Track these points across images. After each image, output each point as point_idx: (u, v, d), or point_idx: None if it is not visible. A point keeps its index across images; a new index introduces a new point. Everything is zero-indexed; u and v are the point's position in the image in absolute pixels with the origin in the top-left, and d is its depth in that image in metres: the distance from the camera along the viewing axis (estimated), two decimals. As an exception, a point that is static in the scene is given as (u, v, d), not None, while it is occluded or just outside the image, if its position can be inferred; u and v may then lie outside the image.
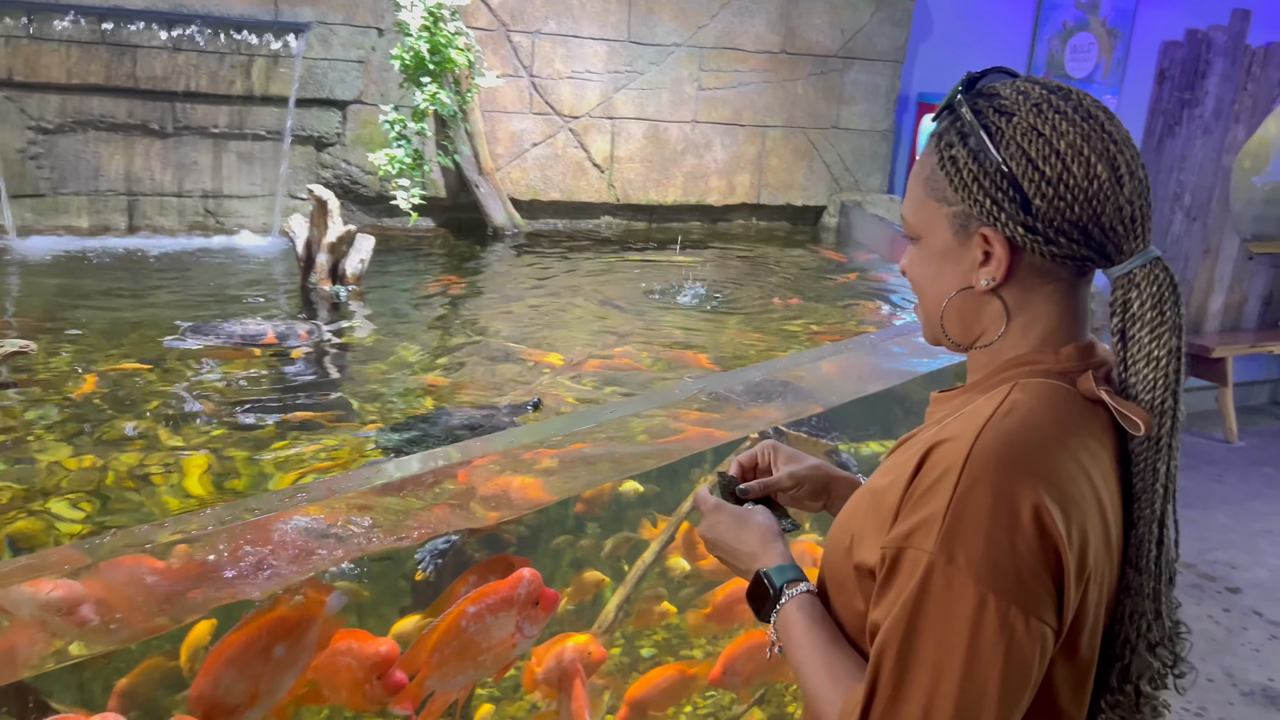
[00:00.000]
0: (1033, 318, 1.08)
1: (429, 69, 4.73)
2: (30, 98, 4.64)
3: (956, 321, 1.12)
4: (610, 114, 5.74)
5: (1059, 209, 1.02)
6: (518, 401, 2.85)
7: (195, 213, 5.09)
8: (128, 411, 2.74)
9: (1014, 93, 1.07)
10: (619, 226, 6.02)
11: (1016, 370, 1.08)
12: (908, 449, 1.10)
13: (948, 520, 0.94)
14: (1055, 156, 1.01)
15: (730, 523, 1.26)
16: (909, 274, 1.16)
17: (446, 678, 2.01)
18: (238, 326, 3.45)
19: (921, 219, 1.11)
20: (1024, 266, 1.06)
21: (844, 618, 1.12)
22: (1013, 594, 0.93)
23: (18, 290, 4.19)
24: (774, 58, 5.99)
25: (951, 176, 1.06)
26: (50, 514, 2.12)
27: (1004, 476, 0.95)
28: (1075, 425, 1.03)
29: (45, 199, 4.80)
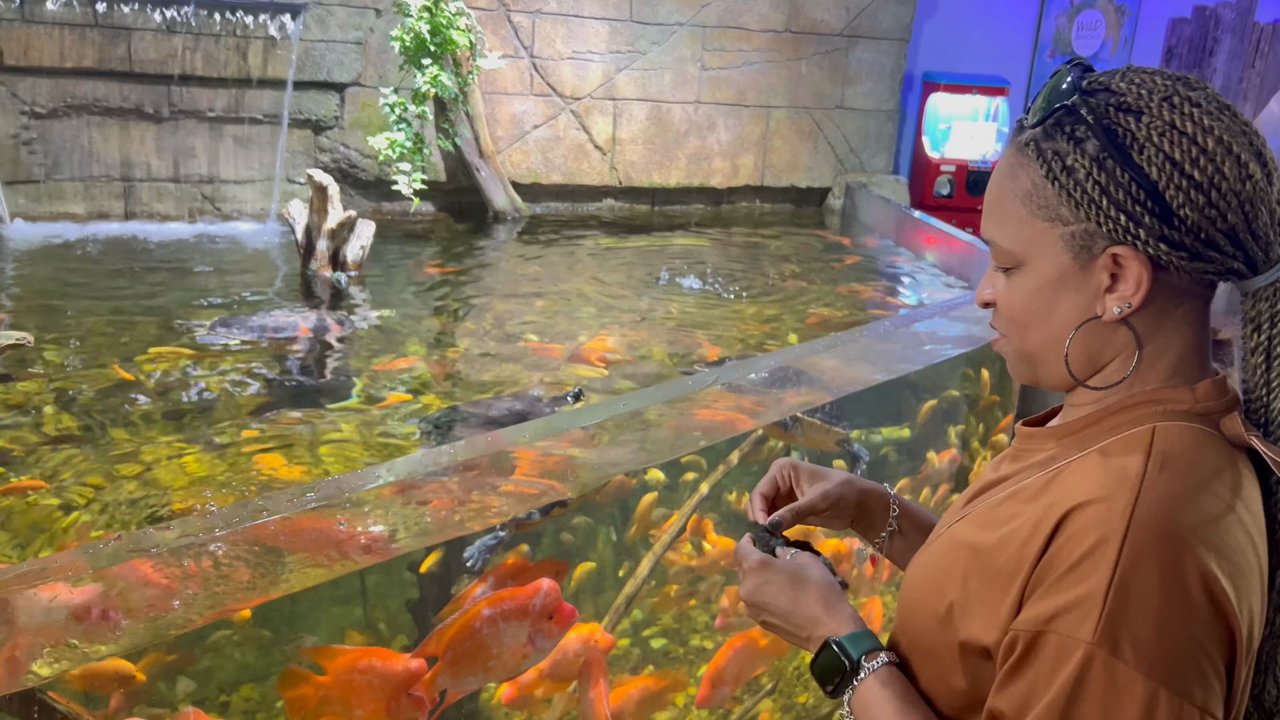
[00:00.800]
0: (1164, 346, 0.92)
1: (429, 50, 4.65)
2: (22, 82, 4.56)
3: (1077, 357, 0.94)
4: (612, 95, 5.66)
5: (1210, 217, 0.87)
6: (560, 393, 2.81)
7: (192, 198, 5.02)
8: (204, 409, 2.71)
9: (1133, 86, 0.90)
10: (621, 210, 5.95)
11: (1147, 409, 0.92)
12: (1014, 498, 0.95)
13: (1109, 604, 0.81)
14: (1204, 157, 0.86)
15: (782, 583, 1.06)
16: (1003, 307, 0.98)
17: (458, 677, 1.97)
18: (269, 319, 3.41)
19: (1023, 243, 0.93)
20: (1160, 286, 0.90)
21: (934, 693, 0.98)
22: (1187, 690, 0.81)
23: (14, 279, 4.12)
24: (778, 37, 5.90)
25: (1070, 190, 0.89)
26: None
27: (1174, 551, 0.82)
28: (1235, 482, 0.88)
29: (40, 185, 4.73)
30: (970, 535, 0.97)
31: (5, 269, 4.22)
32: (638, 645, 3.25)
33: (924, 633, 0.99)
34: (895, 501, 1.22)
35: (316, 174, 3.94)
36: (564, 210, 5.81)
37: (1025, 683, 0.85)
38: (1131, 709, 0.80)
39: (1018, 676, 0.85)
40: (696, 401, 2.30)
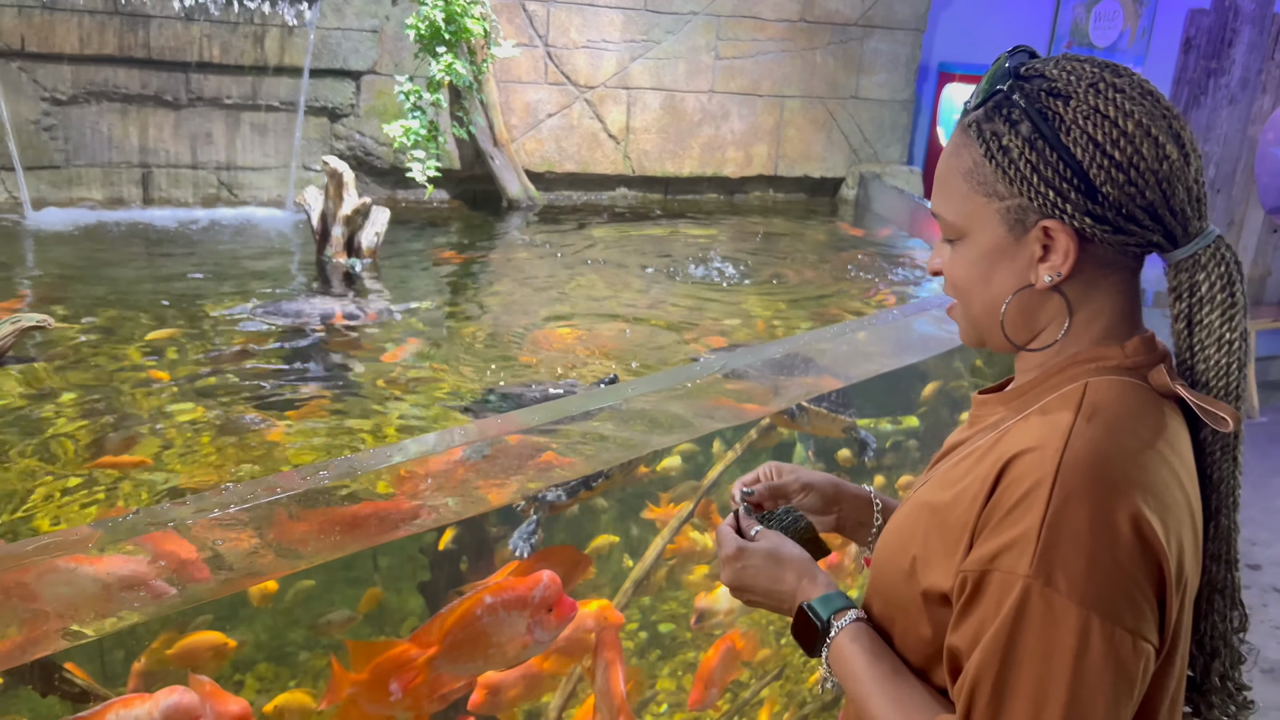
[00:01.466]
0: (1095, 311, 1.01)
1: (444, 38, 4.68)
2: (43, 68, 4.62)
3: (1018, 322, 1.04)
4: (626, 84, 5.67)
5: (1130, 194, 0.95)
6: (600, 377, 2.86)
7: (209, 185, 5.07)
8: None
9: (1064, 73, 0.98)
10: (634, 199, 5.97)
11: (1082, 368, 1.01)
12: (968, 459, 1.03)
13: (1043, 540, 0.88)
14: (1124, 139, 0.94)
15: (761, 562, 1.14)
16: (948, 275, 1.07)
17: (455, 662, 2.00)
18: (306, 305, 3.46)
19: (965, 215, 1.02)
20: (1088, 257, 0.99)
21: (906, 645, 1.05)
22: (1118, 615, 0.88)
23: (35, 263, 4.18)
24: (793, 26, 5.90)
25: (1005, 168, 0.98)
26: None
27: (1101, 489, 0.89)
28: (1159, 425, 0.97)
29: (60, 171, 4.79)
30: (930, 496, 1.05)
31: (26, 253, 4.27)
32: (645, 629, 3.28)
33: (893, 588, 1.06)
34: (877, 498, 1.31)
35: (332, 161, 3.98)
36: (577, 199, 5.83)
37: (975, 619, 0.92)
38: (1067, 636, 0.87)
39: (969, 614, 0.93)
40: (703, 388, 2.33)
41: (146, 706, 1.48)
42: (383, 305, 3.61)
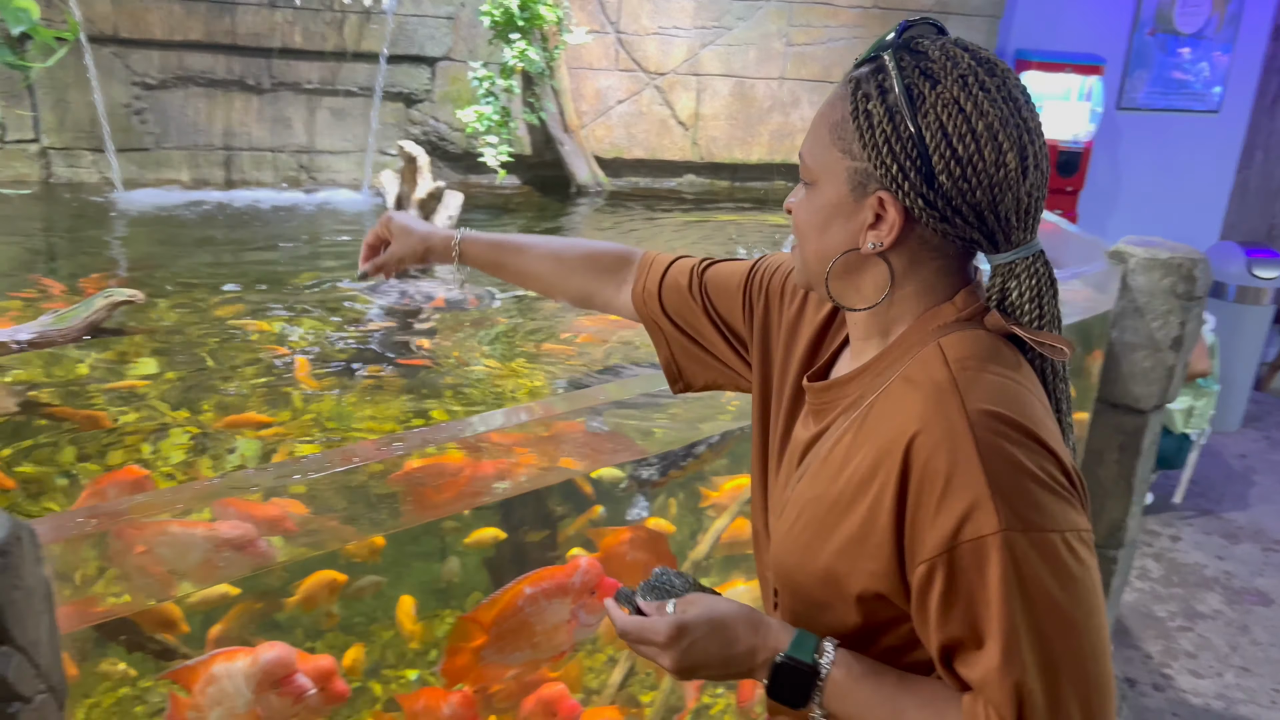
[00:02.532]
0: (924, 286, 1.05)
1: (518, 25, 4.75)
2: (135, 54, 4.80)
3: (840, 279, 1.08)
4: (696, 70, 5.69)
5: (961, 190, 0.98)
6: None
7: (289, 168, 5.23)
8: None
9: (943, 57, 1.00)
10: (701, 185, 5.99)
11: (924, 331, 1.04)
12: (840, 444, 1.05)
13: (997, 493, 0.90)
14: (971, 136, 0.97)
15: (707, 636, 1.03)
16: (795, 215, 1.10)
17: (503, 652, 2.03)
18: (411, 287, 3.58)
19: (820, 165, 1.05)
20: (914, 237, 1.02)
21: (836, 632, 1.04)
22: (1075, 522, 0.94)
23: (125, 241, 4.37)
24: (866, 13, 5.86)
25: (863, 131, 1.00)
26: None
27: (1007, 423, 0.94)
28: (1015, 362, 1.02)
29: (149, 153, 4.98)
30: (815, 491, 1.06)
31: (117, 231, 4.47)
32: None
33: (810, 591, 1.07)
34: (454, 235, 1.53)
35: (408, 145, 4.07)
36: (644, 185, 5.87)
37: (963, 600, 0.92)
38: (1059, 561, 0.91)
39: (953, 599, 0.93)
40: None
41: (248, 659, 1.57)
42: (482, 290, 3.71)
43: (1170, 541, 4.56)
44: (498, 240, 1.54)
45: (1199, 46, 6.62)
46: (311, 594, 2.11)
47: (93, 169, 4.88)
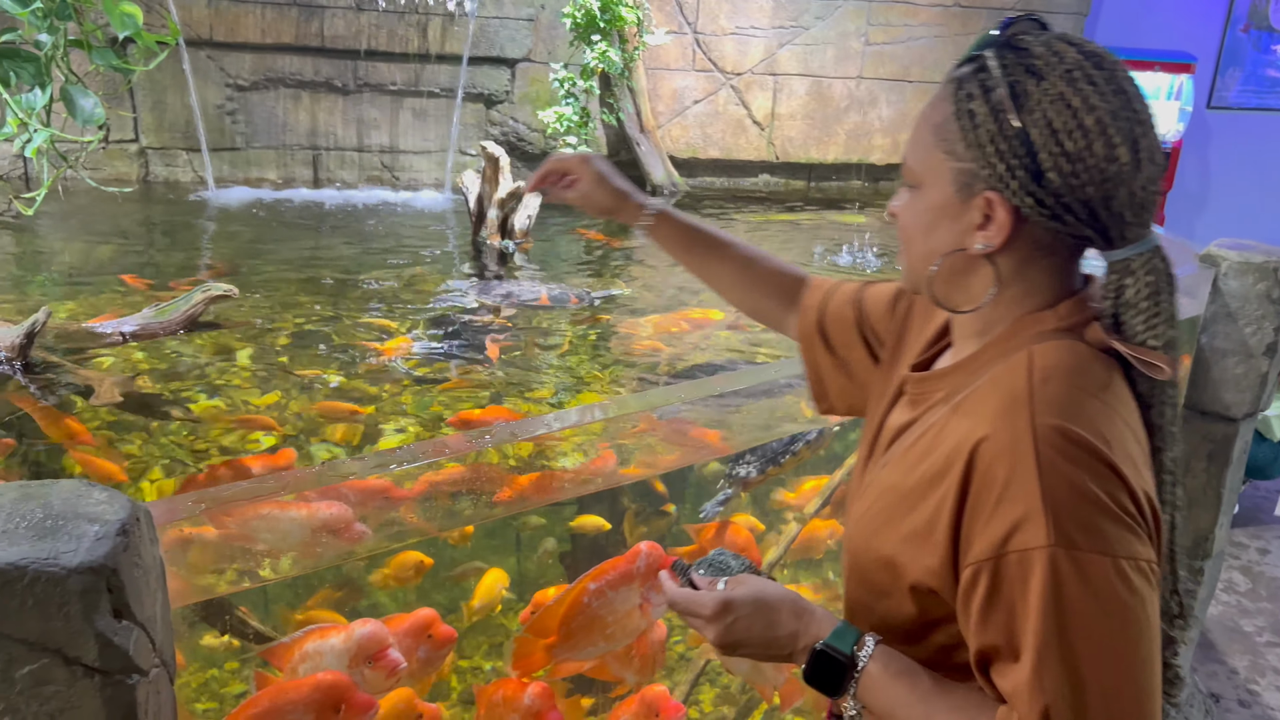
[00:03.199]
0: (1030, 288, 1.03)
1: (599, 27, 4.80)
2: (228, 56, 4.97)
3: (946, 282, 1.06)
4: (773, 70, 5.68)
5: (1072, 186, 0.96)
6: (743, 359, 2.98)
7: (373, 167, 5.36)
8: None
9: (1047, 52, 0.97)
10: (777, 185, 5.98)
11: (1021, 336, 1.02)
12: (924, 437, 1.05)
13: (1049, 508, 0.89)
14: (1080, 131, 0.95)
15: (750, 614, 1.07)
16: (899, 219, 1.09)
17: (576, 649, 2.06)
18: (515, 288, 3.67)
19: (924, 167, 1.04)
20: (1024, 237, 1.00)
21: (892, 621, 1.06)
22: (1134, 550, 0.91)
23: (219, 238, 4.52)
24: (946, 11, 5.78)
25: (966, 132, 0.99)
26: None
27: (1074, 442, 0.92)
28: (1104, 379, 0.99)
29: (240, 152, 5.15)
30: (893, 479, 1.07)
31: (210, 228, 4.63)
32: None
33: (872, 574, 1.08)
34: (650, 204, 1.47)
35: (490, 146, 4.15)
36: (719, 185, 5.88)
37: (1003, 609, 0.92)
38: (1107, 586, 0.89)
39: (994, 606, 0.93)
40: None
41: (341, 636, 1.64)
42: (581, 290, 3.77)
43: (1259, 554, 4.42)
44: (695, 226, 1.50)
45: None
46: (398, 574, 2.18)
47: (187, 168, 5.07)
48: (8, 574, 0.97)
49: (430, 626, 1.76)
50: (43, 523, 1.03)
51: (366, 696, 1.61)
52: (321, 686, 1.60)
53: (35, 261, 3.91)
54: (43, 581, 0.97)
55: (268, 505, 1.49)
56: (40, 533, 1.01)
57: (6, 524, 1.02)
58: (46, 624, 0.99)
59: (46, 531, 1.01)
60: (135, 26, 3.19)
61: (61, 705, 1.03)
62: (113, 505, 1.08)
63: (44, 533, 1.01)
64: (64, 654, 1.02)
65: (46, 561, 0.98)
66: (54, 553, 0.99)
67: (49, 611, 0.98)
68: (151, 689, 1.15)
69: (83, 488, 1.11)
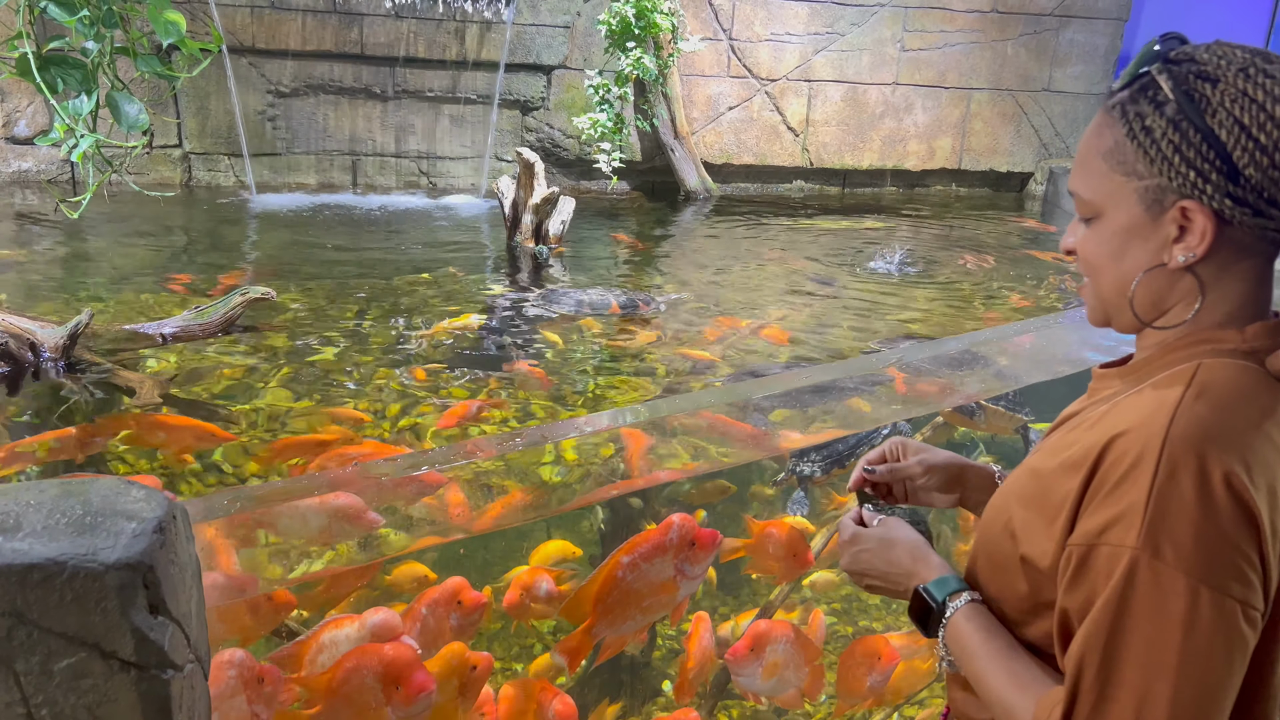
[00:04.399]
0: (1223, 295, 1.01)
1: (634, 34, 4.82)
2: (269, 63, 5.05)
3: (1148, 302, 1.04)
4: (808, 76, 5.67)
5: (1273, 178, 0.94)
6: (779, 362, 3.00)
7: (411, 173, 5.41)
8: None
9: (1214, 57, 0.98)
10: (811, 191, 5.97)
11: (1199, 348, 1.01)
12: (1075, 429, 1.06)
13: (1149, 513, 0.90)
14: (1271, 123, 0.94)
15: (875, 547, 1.19)
16: (1081, 253, 1.07)
17: (613, 625, 2.08)
18: (584, 295, 3.71)
19: (1103, 195, 1.03)
20: (1226, 240, 0.98)
21: (1004, 597, 1.09)
22: (1225, 585, 0.89)
23: (258, 241, 4.59)
24: (983, 17, 5.74)
25: (1147, 148, 0.98)
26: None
27: (1205, 463, 0.91)
28: (1270, 408, 0.97)
29: (280, 158, 5.23)
30: (1038, 462, 1.08)
31: (251, 232, 4.70)
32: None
33: (994, 546, 1.10)
34: (1001, 476, 1.31)
35: (525, 152, 4.18)
36: (753, 191, 5.88)
37: (1083, 592, 0.94)
38: (1177, 605, 0.89)
39: (1077, 586, 0.95)
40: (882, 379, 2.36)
41: (355, 625, 1.66)
42: (646, 296, 3.80)
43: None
44: None
45: None
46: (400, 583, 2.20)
47: (229, 173, 5.15)
48: (47, 569, 0.99)
49: (460, 593, 1.79)
50: (82, 519, 1.05)
51: (425, 678, 1.64)
52: (385, 660, 1.63)
53: (80, 264, 4.00)
54: (81, 577, 1.00)
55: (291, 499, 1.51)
56: (79, 529, 1.03)
57: (47, 520, 1.05)
58: (85, 619, 1.01)
59: (85, 528, 1.04)
60: (179, 34, 3.26)
61: (98, 699, 1.06)
62: (150, 503, 1.10)
63: (83, 529, 1.03)
64: (101, 648, 1.04)
65: (85, 558, 1.00)
66: (92, 549, 1.01)
67: (87, 606, 1.01)
68: (186, 684, 1.17)
69: (121, 485, 1.13)
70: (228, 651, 1.57)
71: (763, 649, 2.35)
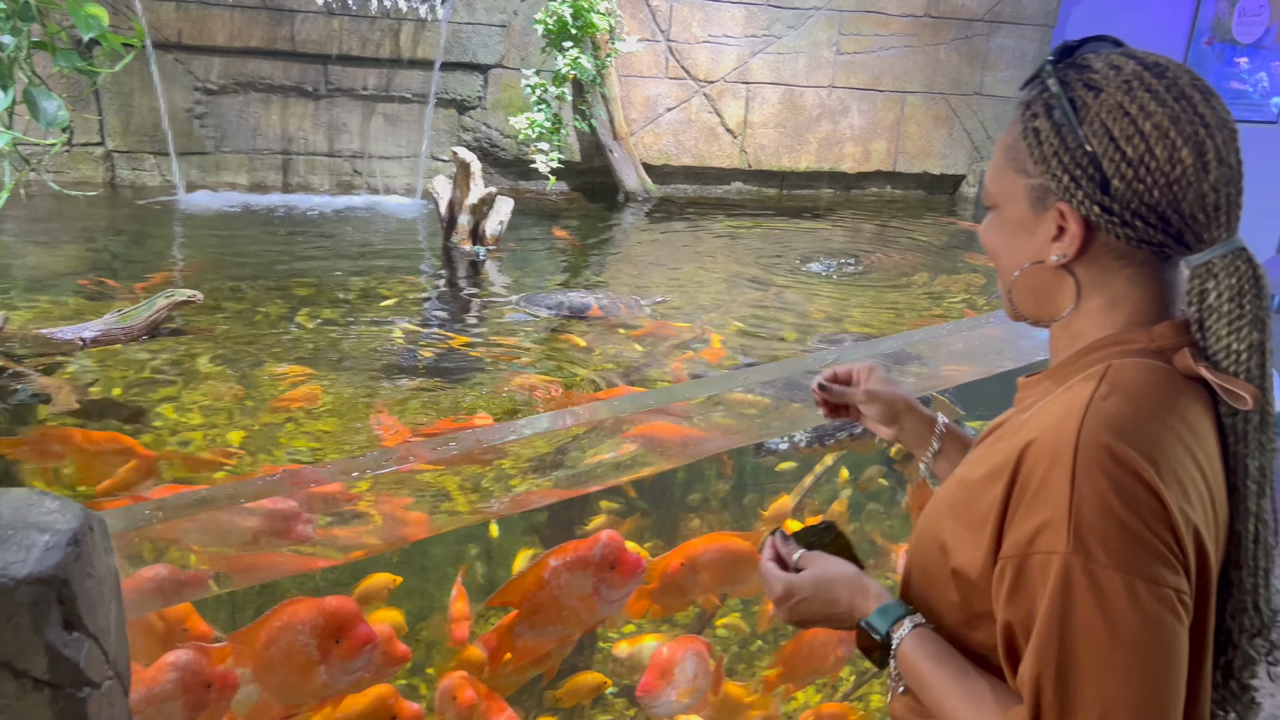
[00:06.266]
0: (1115, 298, 1.04)
1: (571, 34, 4.80)
2: (196, 60, 4.92)
3: (1029, 295, 1.09)
4: (745, 79, 5.71)
5: (1137, 192, 0.97)
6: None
7: (344, 172, 5.32)
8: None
9: (1106, 66, 1.01)
10: (749, 192, 6.00)
11: (1107, 351, 1.03)
12: (997, 440, 1.07)
13: (1074, 517, 0.91)
14: (1139, 137, 0.97)
15: (812, 593, 1.15)
16: (984, 240, 1.13)
17: (534, 626, 2.06)
18: (564, 298, 3.66)
19: (1000, 187, 1.08)
20: (1100, 246, 1.02)
21: (939, 608, 1.09)
22: (1158, 575, 0.91)
23: (186, 242, 4.47)
24: (917, 21, 5.83)
25: (1033, 148, 1.03)
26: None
27: (1115, 457, 0.92)
28: (1176, 404, 0.99)
29: (209, 156, 5.10)
30: (964, 473, 1.10)
31: (177, 233, 4.58)
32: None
33: (926, 558, 1.11)
34: (942, 425, 1.37)
35: (461, 152, 4.14)
36: (692, 192, 5.89)
37: (1023, 606, 0.95)
38: (1117, 602, 0.90)
39: (1015, 602, 0.96)
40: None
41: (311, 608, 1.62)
42: (629, 298, 3.77)
43: None
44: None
45: (1257, 56, 6.49)
46: (369, 593, 2.17)
47: (155, 172, 5.01)
48: (-46, 585, 0.94)
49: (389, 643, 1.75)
50: (-10, 533, 1.01)
51: (368, 630, 1.61)
52: (326, 611, 1.59)
53: (-4, 266, 3.86)
54: (-11, 593, 0.95)
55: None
56: (-13, 543, 0.99)
57: (-47, 534, 1.00)
58: (-6, 636, 0.97)
59: (-6, 541, 0.99)
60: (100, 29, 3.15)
61: (11, 719, 1.01)
62: (64, 514, 1.06)
63: (-9, 543, 0.99)
64: (13, 667, 1.00)
65: (-7, 572, 0.96)
66: (2, 564, 0.97)
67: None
68: (104, 702, 1.13)
69: (34, 496, 1.08)
70: (173, 654, 1.53)
71: (671, 673, 2.28)
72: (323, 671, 1.61)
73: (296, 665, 1.60)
